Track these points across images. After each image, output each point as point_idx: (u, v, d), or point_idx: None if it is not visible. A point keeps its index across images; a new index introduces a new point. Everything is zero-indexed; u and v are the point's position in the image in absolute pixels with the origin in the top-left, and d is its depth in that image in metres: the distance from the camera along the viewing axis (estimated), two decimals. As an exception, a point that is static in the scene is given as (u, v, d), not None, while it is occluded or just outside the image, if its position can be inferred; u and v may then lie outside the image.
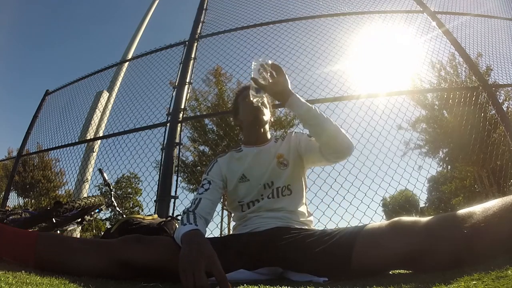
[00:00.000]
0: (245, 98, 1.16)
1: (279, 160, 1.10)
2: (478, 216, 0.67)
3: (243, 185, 1.09)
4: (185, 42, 3.38)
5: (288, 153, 1.11)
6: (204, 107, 6.59)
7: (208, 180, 1.09)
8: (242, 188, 1.09)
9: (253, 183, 1.08)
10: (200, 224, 0.88)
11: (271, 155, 1.12)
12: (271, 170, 1.08)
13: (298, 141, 1.13)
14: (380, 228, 0.77)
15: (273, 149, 1.14)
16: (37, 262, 0.79)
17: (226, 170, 1.12)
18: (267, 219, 1.01)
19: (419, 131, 7.96)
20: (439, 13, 3.28)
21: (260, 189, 1.06)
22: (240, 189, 1.09)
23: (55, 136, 4.14)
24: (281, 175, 1.07)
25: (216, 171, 1.12)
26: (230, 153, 1.17)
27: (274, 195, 1.05)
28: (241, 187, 1.09)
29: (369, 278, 0.71)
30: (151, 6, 13.64)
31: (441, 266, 0.67)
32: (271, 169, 1.08)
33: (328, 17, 3.30)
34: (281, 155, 1.11)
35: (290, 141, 1.14)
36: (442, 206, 5.81)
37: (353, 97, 2.71)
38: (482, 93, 2.71)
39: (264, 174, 1.08)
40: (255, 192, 1.07)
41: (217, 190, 1.08)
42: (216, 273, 0.68)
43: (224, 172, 1.12)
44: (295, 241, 0.86)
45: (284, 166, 1.09)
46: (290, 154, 1.11)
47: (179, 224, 0.93)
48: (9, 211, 2.15)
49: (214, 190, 1.07)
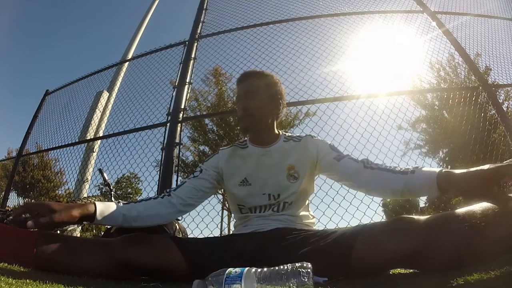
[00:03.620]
0: (239, 97, 1.06)
1: (290, 172, 1.00)
2: (478, 214, 0.67)
3: (244, 188, 1.02)
4: (185, 42, 3.38)
5: (300, 164, 1.01)
6: (204, 107, 6.59)
7: (200, 169, 1.07)
8: (242, 191, 1.03)
9: (256, 189, 1.01)
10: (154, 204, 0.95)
11: (280, 163, 1.02)
12: (279, 182, 1.00)
13: (317, 153, 1.01)
14: (380, 227, 0.77)
15: (282, 153, 1.04)
16: (37, 262, 0.79)
17: (225, 163, 1.06)
18: (268, 220, 0.99)
19: (419, 131, 7.96)
20: (439, 13, 3.28)
21: (263, 198, 1.00)
22: (239, 192, 1.03)
23: (55, 136, 4.14)
24: (289, 188, 0.99)
25: (212, 162, 1.08)
26: (234, 147, 1.10)
27: (280, 208, 0.99)
28: (241, 189, 1.03)
29: (369, 278, 0.71)
30: (151, 6, 13.64)
31: (442, 265, 0.67)
32: (280, 181, 1.00)
33: (328, 17, 3.30)
34: (292, 166, 1.01)
35: (306, 150, 1.03)
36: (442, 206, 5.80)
37: (353, 97, 2.71)
38: (482, 93, 2.71)
39: (270, 184, 1.00)
40: (257, 199, 1.00)
41: (205, 179, 1.04)
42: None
43: (222, 164, 1.06)
44: (295, 242, 0.86)
45: (295, 180, 1.00)
46: (302, 166, 1.01)
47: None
48: (9, 211, 2.15)
49: (202, 179, 1.04)
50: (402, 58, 3.36)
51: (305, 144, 1.04)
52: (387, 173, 0.87)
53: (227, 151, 1.10)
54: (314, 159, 1.02)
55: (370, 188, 0.93)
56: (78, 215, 0.81)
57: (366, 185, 0.93)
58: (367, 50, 3.31)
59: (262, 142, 1.07)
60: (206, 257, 0.85)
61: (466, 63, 2.89)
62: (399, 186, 0.84)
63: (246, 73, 1.09)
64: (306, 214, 1.03)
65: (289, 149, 1.04)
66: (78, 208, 0.82)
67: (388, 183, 0.87)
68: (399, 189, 0.85)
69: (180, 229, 1.61)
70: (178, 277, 0.82)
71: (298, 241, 0.86)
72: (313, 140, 1.05)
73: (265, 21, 3.35)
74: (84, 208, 0.83)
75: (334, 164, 0.97)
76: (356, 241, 0.76)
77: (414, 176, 0.82)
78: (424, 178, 0.80)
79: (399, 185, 0.84)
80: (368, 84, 3.13)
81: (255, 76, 1.07)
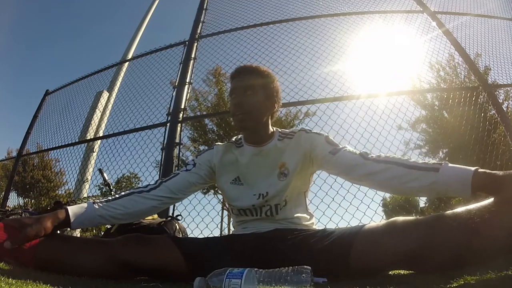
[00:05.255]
0: (234, 92, 1.01)
1: (281, 170, 0.97)
2: (477, 213, 0.67)
3: (235, 187, 1.00)
4: (185, 42, 3.39)
5: (291, 160, 0.97)
6: (204, 107, 6.59)
7: (194, 162, 1.04)
8: (233, 190, 1.01)
9: (246, 189, 0.99)
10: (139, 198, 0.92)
11: (273, 163, 0.99)
12: (269, 182, 0.97)
13: (310, 148, 0.96)
14: (379, 227, 0.77)
15: (276, 152, 1.00)
16: (37, 262, 0.79)
17: (218, 160, 1.03)
18: (266, 223, 0.97)
19: (419, 132, 7.96)
20: (439, 13, 3.28)
21: (253, 198, 0.96)
22: (230, 190, 1.01)
23: (55, 136, 4.14)
24: (278, 186, 0.95)
25: (207, 156, 1.05)
26: (229, 144, 1.07)
27: (273, 212, 0.95)
28: (232, 188, 1.01)
29: (369, 278, 0.71)
30: (151, 6, 13.64)
31: (442, 265, 0.67)
32: (270, 180, 0.97)
33: (328, 17, 3.30)
34: (283, 164, 0.97)
35: (299, 145, 0.98)
36: (442, 206, 5.79)
37: (353, 97, 2.71)
38: (482, 93, 2.71)
39: (261, 184, 0.97)
40: (247, 200, 0.97)
41: (198, 174, 1.02)
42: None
43: (215, 160, 1.03)
44: (294, 243, 0.86)
45: (284, 177, 0.96)
46: (293, 162, 0.97)
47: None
48: (9, 211, 2.15)
49: (195, 173, 1.01)
50: (402, 58, 3.36)
51: (298, 139, 0.99)
52: (401, 169, 0.78)
53: (222, 147, 1.06)
54: (307, 155, 0.96)
55: (375, 181, 0.85)
56: (51, 224, 0.80)
57: (367, 179, 0.86)
58: (367, 50, 3.31)
59: (256, 141, 1.02)
60: (206, 257, 0.85)
61: (466, 63, 2.89)
62: (423, 183, 0.75)
63: (242, 67, 1.04)
64: (303, 216, 0.99)
65: (282, 147, 1.00)
66: (49, 218, 0.81)
67: (401, 179, 0.78)
68: (423, 186, 0.75)
69: (180, 229, 1.61)
70: (178, 277, 0.82)
71: (298, 241, 0.86)
72: (307, 135, 0.99)
73: (265, 21, 3.35)
74: (55, 216, 0.82)
75: (329, 159, 0.91)
76: (355, 242, 0.75)
77: (438, 175, 0.72)
78: (455, 177, 0.71)
79: (422, 182, 0.75)
80: (368, 84, 3.13)
81: (252, 72, 1.01)
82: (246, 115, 0.97)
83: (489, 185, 0.67)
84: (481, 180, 0.68)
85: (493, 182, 0.67)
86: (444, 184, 0.72)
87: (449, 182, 0.72)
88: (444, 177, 0.72)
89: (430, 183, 0.74)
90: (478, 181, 0.68)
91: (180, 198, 1.03)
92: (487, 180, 0.67)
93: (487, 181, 0.67)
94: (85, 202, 0.90)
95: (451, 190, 0.73)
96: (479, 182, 0.68)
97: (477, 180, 0.68)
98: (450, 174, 0.72)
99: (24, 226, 0.78)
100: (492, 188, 0.67)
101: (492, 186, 0.67)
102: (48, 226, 0.80)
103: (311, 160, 0.97)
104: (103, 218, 0.89)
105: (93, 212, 0.87)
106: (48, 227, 0.80)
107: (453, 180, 0.71)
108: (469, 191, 0.68)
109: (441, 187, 0.73)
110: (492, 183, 0.67)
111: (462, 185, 0.69)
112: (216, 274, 0.61)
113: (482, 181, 0.67)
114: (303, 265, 0.64)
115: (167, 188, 0.98)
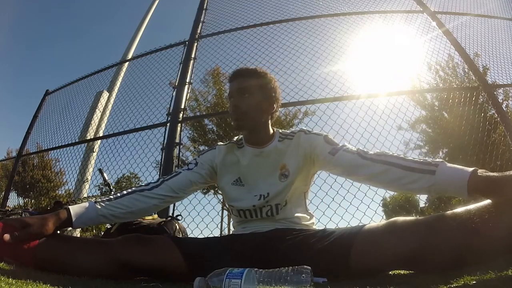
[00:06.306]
0: (231, 94, 1.02)
1: (281, 171, 0.98)
2: (477, 213, 0.67)
3: (236, 188, 1.01)
4: (185, 42, 3.39)
5: (291, 161, 0.98)
6: (204, 107, 6.59)
7: (196, 161, 1.04)
8: (234, 190, 1.01)
9: (247, 190, 0.99)
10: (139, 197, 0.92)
11: (274, 164, 0.99)
12: (270, 183, 0.97)
13: (310, 149, 0.96)
14: (379, 227, 0.77)
15: (277, 153, 1.00)
16: (37, 262, 0.79)
17: (220, 160, 1.03)
18: (266, 223, 0.97)
19: (419, 132, 7.96)
20: (439, 13, 3.28)
21: (254, 199, 0.96)
22: (231, 191, 1.01)
23: (55, 136, 4.14)
24: (279, 187, 0.96)
25: (209, 156, 1.05)
26: (231, 144, 1.06)
27: (274, 212, 0.96)
28: (233, 189, 1.01)
29: (369, 278, 0.71)
30: (151, 6, 13.63)
31: (442, 265, 0.67)
32: (271, 181, 0.97)
33: (328, 17, 3.30)
34: (284, 165, 0.98)
35: (299, 146, 0.98)
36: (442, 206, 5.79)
37: (353, 97, 2.71)
38: (482, 93, 2.71)
39: (262, 185, 0.98)
40: (248, 201, 0.97)
41: (199, 174, 1.02)
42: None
43: (217, 160, 1.03)
44: (294, 243, 0.86)
45: (285, 178, 0.97)
46: (293, 163, 0.97)
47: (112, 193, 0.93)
48: (9, 211, 2.15)
49: (196, 173, 1.01)
50: (402, 58, 3.36)
51: (297, 140, 0.99)
52: (400, 171, 0.79)
53: (224, 147, 1.06)
54: (307, 155, 0.97)
55: (376, 183, 0.87)
56: (53, 225, 0.81)
57: (368, 180, 0.87)
58: (367, 50, 3.31)
59: (256, 142, 1.02)
60: (206, 257, 0.85)
61: (466, 63, 2.89)
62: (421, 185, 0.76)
63: (239, 70, 1.05)
64: (303, 216, 1.00)
65: (283, 148, 1.00)
66: (52, 218, 0.82)
67: (401, 180, 0.79)
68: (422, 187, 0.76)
69: (180, 229, 1.61)
70: (178, 277, 0.83)
71: (298, 241, 0.86)
72: (306, 136, 0.99)
73: (265, 21, 3.35)
74: (57, 216, 0.83)
75: (330, 160, 0.92)
76: (355, 242, 0.76)
77: (435, 178, 0.73)
78: (451, 180, 0.71)
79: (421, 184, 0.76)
80: (368, 84, 3.13)
81: (248, 74, 1.02)
82: (243, 115, 0.98)
83: (486, 187, 0.67)
84: (477, 183, 0.68)
85: (489, 185, 0.67)
86: (442, 186, 0.73)
87: (446, 184, 0.72)
88: (441, 180, 0.73)
89: (429, 186, 0.75)
90: (475, 183, 0.68)
91: (181, 197, 1.03)
92: (483, 183, 0.67)
93: (483, 184, 0.67)
94: (86, 201, 0.90)
95: (449, 192, 0.74)
96: (475, 185, 0.68)
97: (474, 183, 0.68)
98: (446, 177, 0.72)
99: (27, 226, 0.78)
100: (488, 190, 0.67)
101: (488, 188, 0.67)
102: (50, 227, 0.80)
103: (312, 160, 0.97)
104: (105, 217, 0.89)
105: (94, 211, 0.87)
106: (50, 227, 0.80)
107: (449, 183, 0.72)
108: (465, 194, 0.69)
109: (440, 189, 0.74)
110: (488, 186, 0.67)
111: (458, 188, 0.70)
112: (216, 274, 0.61)
113: (479, 184, 0.68)
114: (303, 265, 0.64)
115: (169, 187, 0.98)
